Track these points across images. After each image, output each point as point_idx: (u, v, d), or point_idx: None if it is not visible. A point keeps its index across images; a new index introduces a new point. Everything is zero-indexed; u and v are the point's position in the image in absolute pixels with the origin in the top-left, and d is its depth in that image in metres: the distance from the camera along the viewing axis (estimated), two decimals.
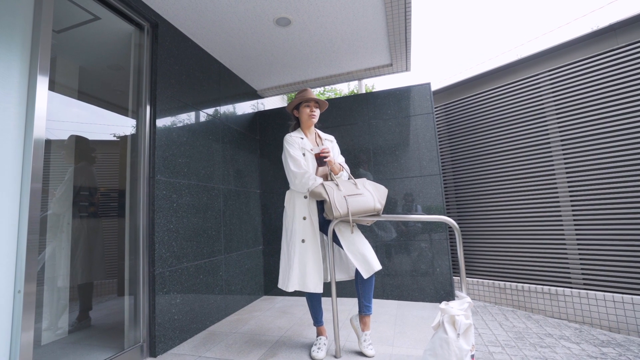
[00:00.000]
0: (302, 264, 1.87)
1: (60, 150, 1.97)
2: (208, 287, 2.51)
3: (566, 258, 2.59)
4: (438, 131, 3.60)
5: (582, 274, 2.49)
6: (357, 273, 1.90)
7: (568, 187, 2.60)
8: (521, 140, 2.91)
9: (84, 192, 2.16)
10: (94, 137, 2.19)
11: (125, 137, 2.21)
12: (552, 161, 2.70)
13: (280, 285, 1.94)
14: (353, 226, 1.84)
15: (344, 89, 10.29)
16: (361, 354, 1.89)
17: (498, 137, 3.08)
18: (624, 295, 2.24)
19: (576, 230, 2.55)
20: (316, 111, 2.07)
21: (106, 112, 2.21)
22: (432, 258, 2.98)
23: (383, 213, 2.75)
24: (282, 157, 2.03)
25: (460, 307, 1.38)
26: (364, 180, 1.99)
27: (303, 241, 1.89)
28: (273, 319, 2.62)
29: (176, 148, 2.32)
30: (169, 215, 2.19)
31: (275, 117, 3.65)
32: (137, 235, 2.04)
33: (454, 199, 3.44)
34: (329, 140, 2.17)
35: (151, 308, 2.01)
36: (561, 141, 2.65)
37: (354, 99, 3.39)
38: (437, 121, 3.64)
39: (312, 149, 2.00)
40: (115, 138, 2.25)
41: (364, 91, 3.83)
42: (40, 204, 1.47)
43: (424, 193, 3.07)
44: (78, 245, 2.08)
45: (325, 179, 2.00)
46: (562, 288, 2.56)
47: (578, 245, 2.53)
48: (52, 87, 1.60)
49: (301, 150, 1.98)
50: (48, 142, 1.66)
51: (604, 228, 2.40)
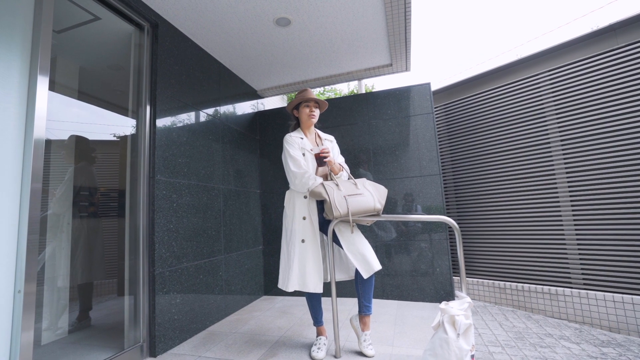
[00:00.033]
0: (302, 264, 1.87)
1: (60, 150, 1.97)
2: (208, 287, 2.52)
3: (566, 258, 2.59)
4: (438, 131, 3.60)
5: (582, 274, 2.49)
6: (357, 273, 1.90)
7: (568, 187, 2.60)
8: (521, 140, 2.91)
9: (84, 192, 2.16)
10: (94, 137, 2.19)
11: (125, 137, 2.21)
12: (552, 161, 2.70)
13: (280, 285, 1.94)
14: (353, 226, 1.84)
15: (344, 89, 10.30)
16: (361, 354, 1.89)
17: (498, 137, 3.08)
18: (624, 295, 2.24)
19: (576, 230, 2.55)
20: (316, 111, 2.07)
21: (106, 112, 2.21)
22: (432, 258, 2.98)
23: (383, 213, 2.75)
24: (282, 157, 2.03)
25: (460, 307, 1.38)
26: (364, 180, 1.99)
27: (303, 241, 1.89)
28: (273, 319, 2.62)
29: (176, 148, 2.32)
30: (169, 215, 2.19)
31: (275, 117, 3.66)
32: (137, 235, 2.04)
33: (454, 199, 3.44)
34: (329, 140, 2.17)
35: (151, 308, 2.02)
36: (561, 141, 2.65)
37: (354, 99, 3.39)
38: (437, 121, 3.64)
39: (312, 149, 2.00)
40: (115, 138, 2.25)
41: (364, 91, 3.83)
42: (40, 204, 1.47)
43: (424, 193, 3.07)
44: (78, 245, 2.08)
45: (325, 179, 2.00)
46: (562, 288, 2.56)
47: (578, 245, 2.53)
48: (52, 87, 1.60)
49: (301, 150, 1.98)
50: (48, 142, 1.66)
51: (604, 228, 2.40)
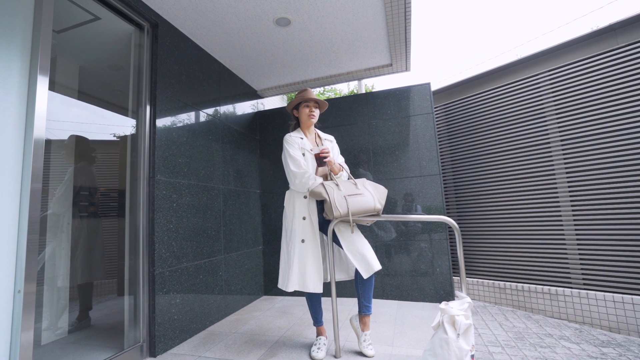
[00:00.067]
0: (302, 264, 1.87)
1: (60, 150, 1.97)
2: (208, 287, 2.52)
3: (566, 258, 2.59)
4: (438, 131, 3.60)
5: (582, 274, 2.49)
6: (357, 273, 1.90)
7: (568, 187, 2.60)
8: (521, 140, 2.91)
9: (84, 192, 2.16)
10: (94, 137, 2.19)
11: (125, 137, 2.21)
12: (552, 161, 2.70)
13: (280, 285, 1.94)
14: (353, 226, 1.84)
15: (344, 89, 10.30)
16: (361, 354, 1.89)
17: (498, 137, 3.08)
18: (624, 295, 2.24)
19: (576, 230, 2.55)
20: (316, 111, 2.07)
21: (106, 112, 2.21)
22: (432, 258, 2.98)
23: (383, 213, 2.75)
24: (282, 157, 2.03)
25: (460, 307, 1.38)
26: (364, 180, 1.99)
27: (303, 241, 1.89)
28: (273, 319, 2.62)
29: (176, 148, 2.32)
30: (169, 215, 2.19)
31: (275, 117, 3.66)
32: (137, 235, 2.04)
33: (454, 199, 3.44)
34: (329, 140, 2.17)
35: (151, 308, 2.02)
36: (561, 141, 2.65)
37: (354, 99, 3.39)
38: (437, 121, 3.64)
39: (312, 149, 2.00)
40: (115, 138, 2.25)
41: (364, 91, 3.83)
42: (40, 204, 1.47)
43: (424, 193, 3.07)
44: (78, 245, 2.08)
45: (325, 179, 2.00)
46: (562, 288, 2.56)
47: (578, 245, 2.53)
48: (52, 87, 1.60)
49: (301, 150, 1.98)
50: (48, 142, 1.66)
51: (604, 228, 2.40)
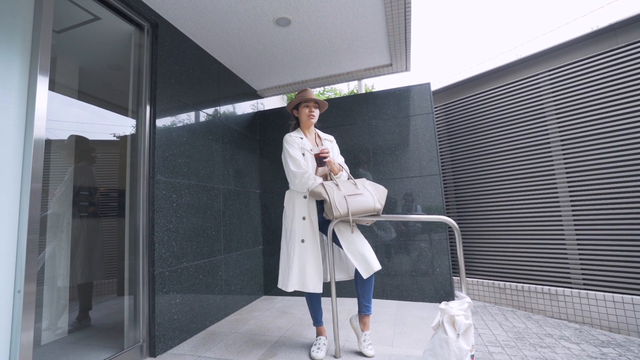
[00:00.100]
0: (302, 264, 1.87)
1: (60, 150, 1.97)
2: (208, 287, 2.52)
3: (566, 258, 2.59)
4: (438, 131, 3.60)
5: (582, 274, 2.49)
6: (357, 273, 1.90)
7: (568, 187, 2.60)
8: (521, 140, 2.91)
9: (84, 192, 2.16)
10: (94, 137, 2.19)
11: (125, 137, 2.21)
12: (552, 161, 2.70)
13: (279, 285, 1.94)
14: (353, 226, 1.84)
15: (344, 89, 10.30)
16: (361, 354, 1.89)
17: (498, 137, 3.08)
18: (624, 295, 2.24)
19: (576, 230, 2.55)
20: (315, 111, 2.07)
21: (106, 112, 2.21)
22: (432, 258, 2.98)
23: (383, 213, 2.75)
24: (282, 157, 2.03)
25: (460, 307, 1.38)
26: (364, 180, 1.99)
27: (302, 241, 1.89)
28: (273, 319, 2.62)
29: (176, 148, 2.32)
30: (169, 215, 2.19)
31: (275, 117, 3.66)
32: (137, 235, 2.04)
33: (454, 199, 3.44)
34: (329, 140, 2.17)
35: (151, 308, 2.02)
36: (561, 141, 2.65)
37: (354, 99, 3.39)
38: (437, 121, 3.64)
39: (312, 149, 2.00)
40: (115, 138, 2.25)
41: (364, 91, 3.83)
42: (40, 204, 1.47)
43: (424, 193, 3.07)
44: (78, 245, 2.08)
45: (324, 179, 2.00)
46: (562, 288, 2.56)
47: (578, 245, 2.53)
48: (52, 87, 1.60)
49: (301, 150, 1.98)
50: (48, 142, 1.66)
51: (604, 228, 2.40)
